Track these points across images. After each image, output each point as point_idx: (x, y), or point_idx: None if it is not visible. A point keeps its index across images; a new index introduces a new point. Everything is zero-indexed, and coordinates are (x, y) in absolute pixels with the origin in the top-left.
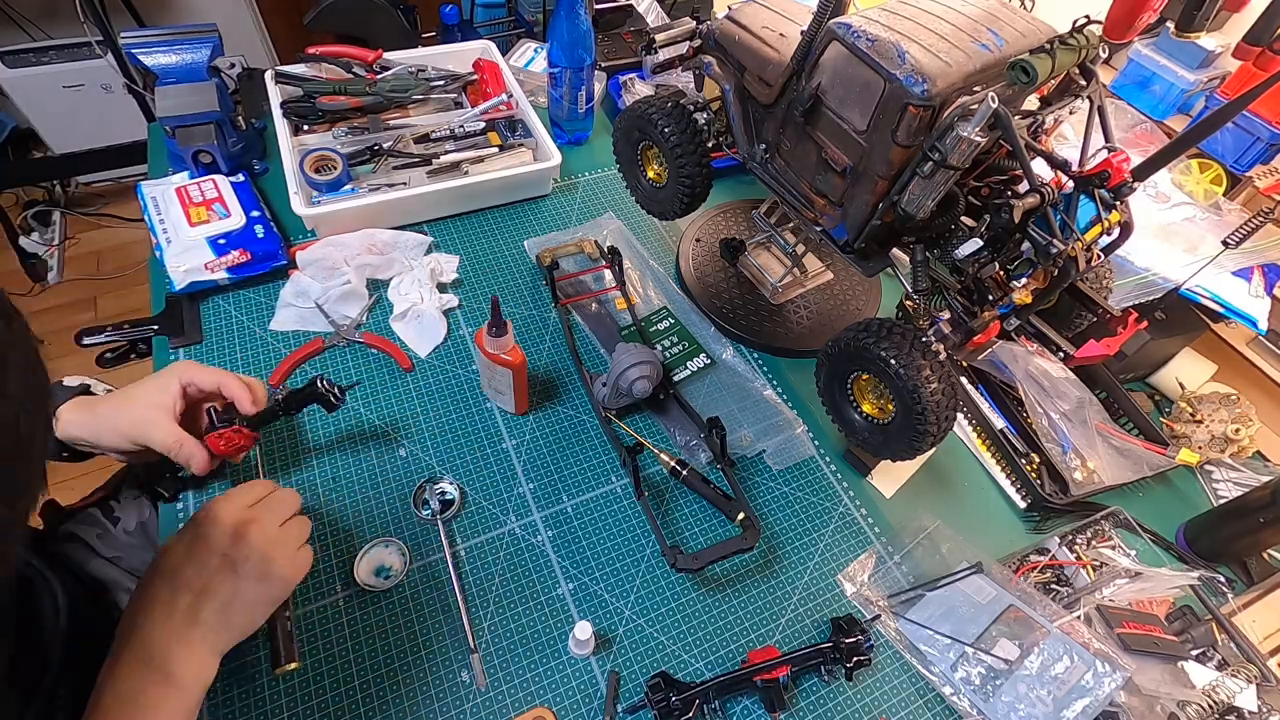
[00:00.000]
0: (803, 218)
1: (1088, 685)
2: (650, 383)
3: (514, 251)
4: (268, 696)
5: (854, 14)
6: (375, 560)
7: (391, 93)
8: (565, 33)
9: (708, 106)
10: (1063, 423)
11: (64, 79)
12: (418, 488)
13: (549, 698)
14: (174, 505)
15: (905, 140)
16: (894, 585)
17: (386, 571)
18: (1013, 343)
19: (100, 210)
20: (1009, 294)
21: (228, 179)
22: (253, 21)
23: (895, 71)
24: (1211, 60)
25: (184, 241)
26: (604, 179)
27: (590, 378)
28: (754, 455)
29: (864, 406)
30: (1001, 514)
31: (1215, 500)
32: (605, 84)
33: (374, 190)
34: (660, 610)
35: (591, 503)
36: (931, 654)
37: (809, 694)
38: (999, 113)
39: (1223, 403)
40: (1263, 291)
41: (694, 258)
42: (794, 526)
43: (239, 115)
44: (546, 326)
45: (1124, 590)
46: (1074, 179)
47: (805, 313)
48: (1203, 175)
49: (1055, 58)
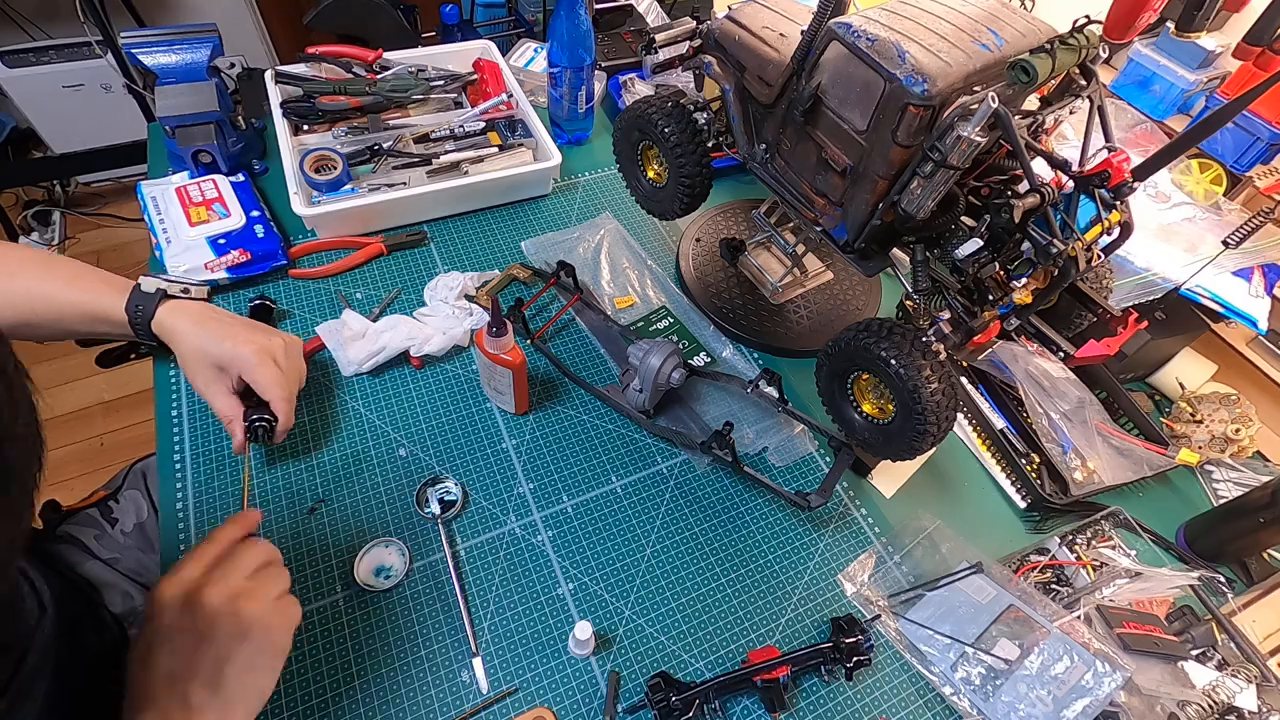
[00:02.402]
0: (803, 218)
1: (1088, 685)
2: (682, 370)
3: (514, 252)
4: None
5: (854, 14)
6: (375, 560)
7: (391, 93)
8: (565, 32)
9: (708, 106)
10: (1063, 423)
11: (64, 79)
12: (421, 486)
13: (549, 698)
14: (174, 503)
15: (905, 140)
16: (894, 585)
17: (387, 571)
18: (1013, 343)
19: (100, 210)
20: (1009, 294)
21: (228, 179)
22: (253, 21)
23: (895, 71)
24: (1211, 60)
25: (184, 241)
26: (604, 179)
27: (609, 390)
28: (756, 453)
29: (864, 406)
30: (1001, 514)
31: (1215, 500)
32: (605, 84)
33: (374, 190)
34: (660, 610)
35: (591, 503)
36: (931, 654)
37: (809, 694)
38: (999, 112)
39: (1223, 403)
40: (1263, 291)
41: (694, 258)
42: (794, 526)
43: (239, 115)
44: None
45: (1124, 590)
46: (1074, 179)
47: (805, 313)
48: (1203, 175)
49: (1055, 58)
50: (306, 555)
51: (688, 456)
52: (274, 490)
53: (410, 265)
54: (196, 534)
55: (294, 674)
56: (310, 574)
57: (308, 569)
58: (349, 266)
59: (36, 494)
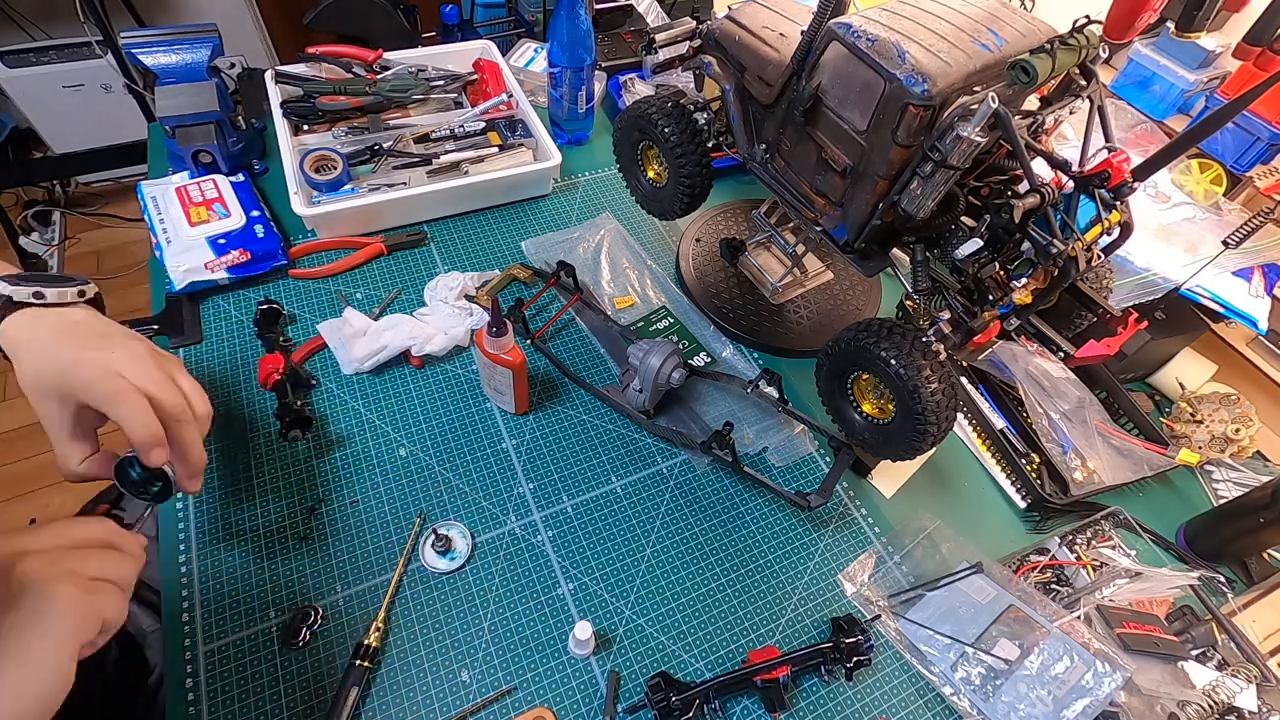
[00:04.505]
0: (803, 218)
1: (1088, 685)
2: (682, 370)
3: (514, 252)
4: (267, 683)
5: (854, 14)
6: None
7: (391, 93)
8: (565, 33)
9: (708, 106)
10: (1063, 423)
11: (64, 79)
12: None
13: (549, 698)
14: (174, 501)
15: (905, 140)
16: (894, 585)
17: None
18: (1013, 343)
19: (100, 210)
20: (1009, 294)
21: (228, 179)
22: (253, 21)
23: (895, 71)
24: (1211, 60)
25: (184, 241)
26: (604, 179)
27: (609, 390)
28: (756, 454)
29: (864, 406)
30: (1001, 514)
31: (1215, 500)
32: (605, 84)
33: (374, 190)
34: (660, 610)
35: (591, 503)
36: (931, 654)
37: (809, 694)
38: (999, 112)
39: (1223, 403)
40: (1263, 291)
41: (694, 258)
42: (794, 526)
43: (239, 115)
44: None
45: (1124, 590)
46: (1074, 179)
47: (805, 313)
48: (1203, 175)
49: (1055, 58)
50: (307, 556)
51: (688, 456)
52: (273, 490)
53: (410, 265)
54: (196, 534)
55: (295, 672)
56: (311, 574)
57: (308, 569)
58: (349, 266)
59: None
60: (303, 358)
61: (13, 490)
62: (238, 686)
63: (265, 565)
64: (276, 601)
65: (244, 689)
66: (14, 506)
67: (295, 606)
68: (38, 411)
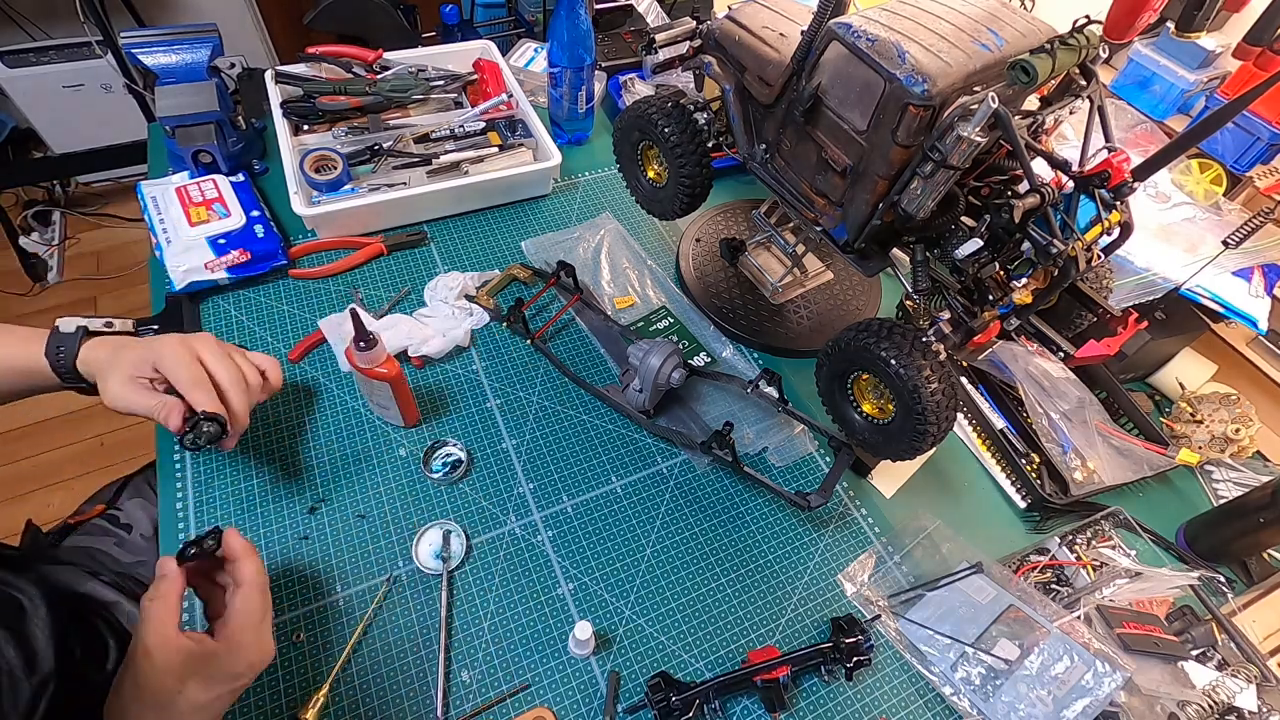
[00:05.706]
0: (803, 218)
1: (1088, 685)
2: (682, 370)
3: (514, 252)
4: (266, 681)
5: (854, 14)
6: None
7: (391, 93)
8: (565, 33)
9: (708, 106)
10: (1063, 423)
11: (64, 79)
12: (426, 450)
13: (549, 698)
14: (174, 503)
15: (905, 140)
16: (894, 585)
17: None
18: (1013, 343)
19: (100, 210)
20: (1009, 294)
21: (228, 179)
22: (253, 21)
23: (895, 71)
24: (1211, 60)
25: (184, 241)
26: (604, 179)
27: (609, 390)
28: (756, 454)
29: (864, 406)
30: (1001, 514)
31: (1215, 500)
32: (605, 84)
33: (374, 190)
34: (660, 610)
35: (591, 503)
36: (931, 654)
37: (809, 694)
38: (999, 112)
39: (1223, 403)
40: (1263, 291)
41: (694, 258)
42: (794, 526)
43: (239, 115)
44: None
45: (1124, 590)
46: (1074, 179)
47: (805, 313)
48: (1203, 175)
49: (1055, 58)
50: (306, 557)
51: (688, 456)
52: (273, 489)
53: (410, 265)
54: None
55: (295, 673)
56: (311, 575)
57: (307, 570)
58: (349, 266)
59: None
60: (300, 354)
61: (13, 490)
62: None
63: (264, 565)
64: (276, 601)
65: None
66: (14, 506)
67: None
68: (131, 406)
